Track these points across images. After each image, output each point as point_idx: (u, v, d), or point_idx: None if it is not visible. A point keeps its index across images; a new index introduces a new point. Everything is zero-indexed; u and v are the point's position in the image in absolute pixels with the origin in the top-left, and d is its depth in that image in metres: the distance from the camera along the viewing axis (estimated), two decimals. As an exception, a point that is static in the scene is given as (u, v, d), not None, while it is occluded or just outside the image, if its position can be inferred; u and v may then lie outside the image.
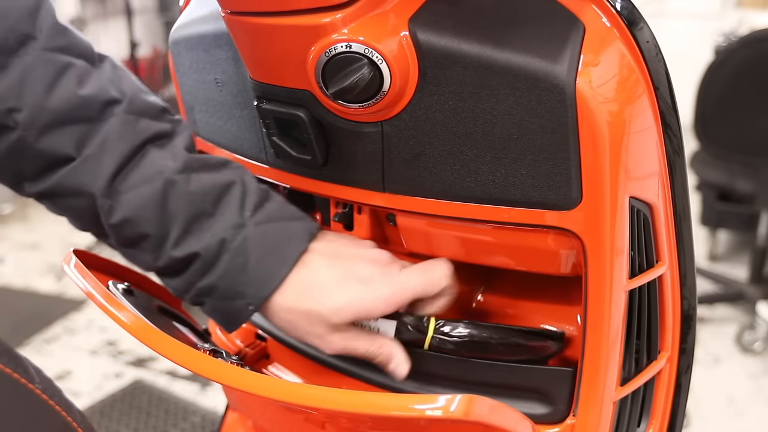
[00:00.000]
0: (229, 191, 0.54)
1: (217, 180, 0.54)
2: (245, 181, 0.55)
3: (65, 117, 0.51)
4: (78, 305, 2.55)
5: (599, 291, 0.51)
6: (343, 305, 0.53)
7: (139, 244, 0.53)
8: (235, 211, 0.53)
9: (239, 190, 0.54)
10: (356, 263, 0.55)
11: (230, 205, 0.53)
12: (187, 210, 0.52)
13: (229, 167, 0.56)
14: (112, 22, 4.10)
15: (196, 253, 0.52)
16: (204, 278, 0.53)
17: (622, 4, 0.47)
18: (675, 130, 0.52)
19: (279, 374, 0.69)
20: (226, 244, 0.52)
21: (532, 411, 0.56)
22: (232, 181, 0.54)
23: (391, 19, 0.47)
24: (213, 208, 0.53)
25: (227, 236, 0.52)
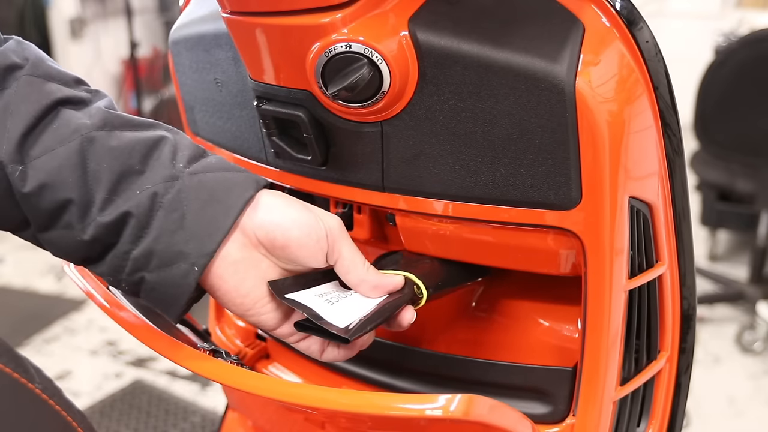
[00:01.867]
0: (158, 146, 0.49)
1: (144, 136, 0.49)
2: (177, 138, 0.50)
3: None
4: (78, 305, 2.55)
5: (599, 291, 0.51)
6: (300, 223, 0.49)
7: (60, 217, 0.47)
8: (165, 164, 0.48)
9: (170, 145, 0.49)
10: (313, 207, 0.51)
11: (161, 160, 0.48)
12: (111, 168, 0.47)
13: (157, 126, 0.51)
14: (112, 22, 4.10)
15: (126, 213, 0.47)
16: (139, 243, 0.47)
17: (622, 4, 0.47)
18: (675, 129, 0.52)
19: (279, 374, 0.69)
20: (158, 199, 0.47)
21: (532, 411, 0.56)
22: (161, 137, 0.49)
23: (390, 19, 0.47)
24: (141, 164, 0.47)
25: (159, 190, 0.47)
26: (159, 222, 0.47)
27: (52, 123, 0.48)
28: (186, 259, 0.47)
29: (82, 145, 0.47)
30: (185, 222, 0.47)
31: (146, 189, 0.47)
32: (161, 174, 0.47)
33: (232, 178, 0.49)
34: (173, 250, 0.47)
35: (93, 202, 0.47)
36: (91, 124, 0.48)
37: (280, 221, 0.49)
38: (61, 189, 0.46)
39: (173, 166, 0.48)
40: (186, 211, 0.47)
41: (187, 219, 0.47)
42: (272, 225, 0.49)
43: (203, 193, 0.47)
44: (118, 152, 0.47)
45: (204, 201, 0.47)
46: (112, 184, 0.47)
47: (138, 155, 0.48)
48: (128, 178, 0.47)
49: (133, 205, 0.47)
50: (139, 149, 0.48)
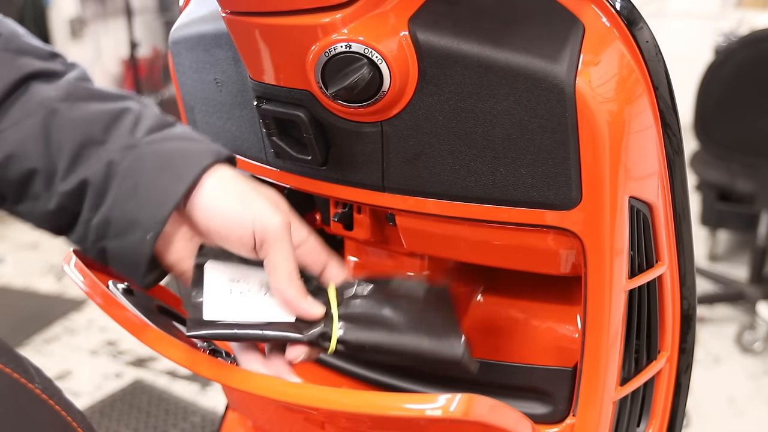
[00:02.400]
0: (121, 117, 0.49)
1: (108, 107, 0.49)
2: (143, 110, 0.50)
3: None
4: (78, 305, 2.55)
5: (599, 291, 0.51)
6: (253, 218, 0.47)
7: (28, 188, 0.49)
8: (125, 134, 0.48)
9: (133, 115, 0.49)
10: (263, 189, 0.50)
11: (121, 130, 0.48)
12: (73, 138, 0.48)
13: (126, 98, 0.51)
14: (112, 22, 4.10)
15: (84, 181, 0.47)
16: (97, 211, 0.48)
17: (622, 4, 0.47)
18: (675, 129, 0.52)
19: (279, 374, 0.68)
20: (113, 166, 0.47)
21: (532, 411, 0.56)
22: (126, 108, 0.50)
23: (390, 19, 0.47)
24: (103, 135, 0.48)
25: (115, 158, 0.47)
26: (114, 190, 0.47)
27: (21, 97, 0.49)
28: (139, 226, 0.47)
29: (45, 117, 0.48)
30: (139, 190, 0.47)
31: (104, 157, 0.47)
32: (119, 143, 0.48)
33: (191, 147, 0.49)
34: (127, 218, 0.47)
35: (56, 171, 0.48)
36: (55, 95, 0.49)
37: (206, 207, 0.48)
38: (26, 159, 0.48)
39: (132, 135, 0.48)
40: (140, 179, 0.47)
41: (140, 187, 0.47)
42: (199, 209, 0.48)
43: (158, 161, 0.47)
44: (80, 123, 0.48)
45: (158, 168, 0.47)
46: (73, 153, 0.48)
47: (99, 126, 0.48)
48: (89, 147, 0.48)
49: (90, 173, 0.47)
50: (100, 120, 0.48)
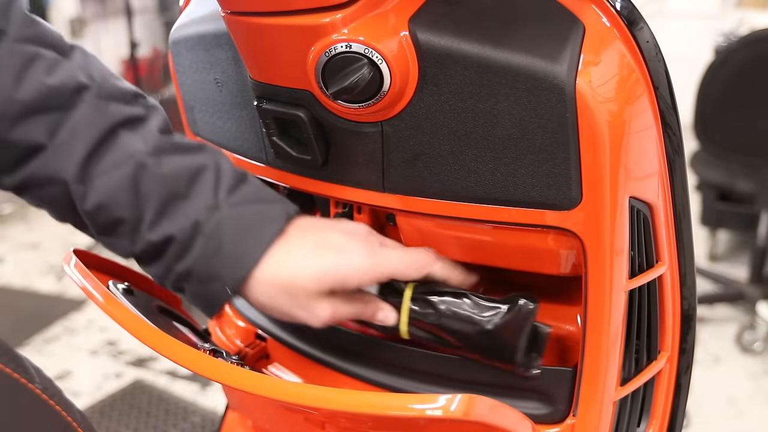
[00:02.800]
0: (203, 173, 0.53)
1: (190, 162, 0.53)
2: (220, 164, 0.54)
3: (35, 107, 0.51)
4: (78, 305, 2.55)
5: (599, 291, 0.51)
6: (320, 273, 0.52)
7: (115, 230, 0.53)
8: (209, 193, 0.53)
9: (213, 172, 0.53)
10: (329, 233, 0.54)
11: (204, 187, 0.53)
12: (160, 192, 0.52)
13: (203, 150, 0.55)
14: (112, 22, 4.10)
15: (171, 236, 0.52)
16: (180, 262, 0.53)
17: (622, 4, 0.47)
18: (675, 129, 0.52)
19: (279, 374, 0.69)
20: (200, 227, 0.52)
21: (532, 411, 0.56)
22: (205, 164, 0.54)
23: (391, 19, 0.47)
24: (186, 190, 0.52)
25: (201, 218, 0.52)
26: (199, 247, 0.52)
27: (110, 147, 0.52)
28: (220, 280, 0.53)
29: (135, 170, 0.52)
30: (222, 250, 0.52)
31: (190, 216, 0.52)
32: (204, 202, 0.52)
33: (266, 212, 0.54)
34: (210, 272, 0.53)
35: (142, 221, 0.52)
36: (144, 150, 0.53)
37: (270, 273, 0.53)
38: (116, 209, 0.52)
39: (215, 195, 0.53)
40: (223, 240, 0.52)
41: (224, 247, 0.52)
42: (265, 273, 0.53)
43: (240, 224, 0.53)
44: (167, 179, 0.52)
45: (240, 231, 0.52)
46: (159, 206, 0.52)
47: (183, 181, 0.53)
48: (174, 201, 0.52)
49: (177, 229, 0.52)
50: (185, 175, 0.53)
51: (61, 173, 0.52)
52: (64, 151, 0.52)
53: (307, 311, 0.53)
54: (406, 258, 0.55)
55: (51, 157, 0.52)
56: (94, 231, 0.54)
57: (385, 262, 0.54)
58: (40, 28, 0.54)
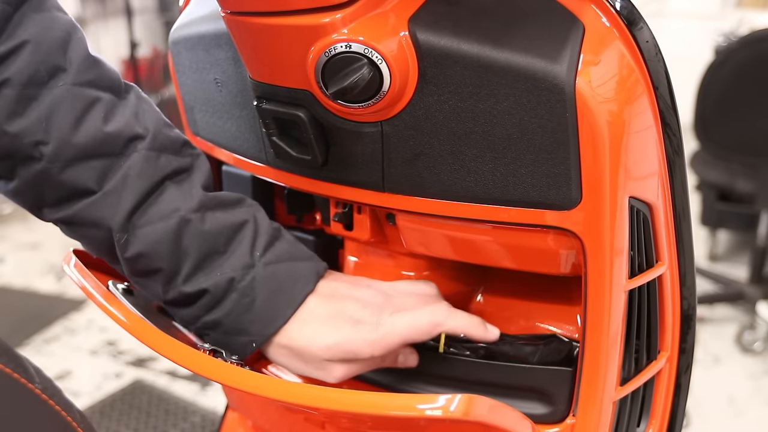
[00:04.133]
0: (242, 230, 0.55)
1: (231, 219, 0.55)
2: (257, 220, 0.56)
3: (90, 152, 0.52)
4: (78, 305, 2.55)
5: (599, 291, 0.51)
6: (332, 345, 0.54)
7: (151, 277, 0.54)
8: (245, 251, 0.54)
9: (251, 230, 0.55)
10: (347, 303, 0.55)
11: (241, 245, 0.54)
12: (200, 248, 0.53)
13: (242, 205, 0.56)
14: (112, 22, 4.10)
15: (205, 290, 0.53)
16: (210, 314, 0.54)
17: (622, 4, 0.47)
18: (675, 129, 0.52)
19: (279, 374, 0.69)
20: (234, 284, 0.53)
21: (532, 411, 0.56)
22: (245, 221, 0.55)
23: (390, 19, 0.47)
24: (225, 246, 0.54)
25: (236, 276, 0.53)
26: (231, 302, 0.54)
27: (157, 199, 0.54)
28: (248, 335, 0.54)
29: (179, 224, 0.53)
30: (254, 307, 0.54)
31: (226, 272, 0.53)
32: (240, 261, 0.54)
33: (298, 270, 0.55)
34: (239, 326, 0.54)
35: (179, 273, 0.53)
36: (189, 206, 0.54)
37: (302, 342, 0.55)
38: (155, 259, 0.53)
39: (251, 254, 0.54)
40: (256, 298, 0.54)
41: (255, 304, 0.54)
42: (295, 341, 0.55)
43: (273, 284, 0.54)
44: (208, 235, 0.54)
45: (272, 291, 0.54)
46: (198, 261, 0.53)
47: (224, 239, 0.54)
48: (212, 257, 0.54)
49: (212, 284, 0.53)
50: (225, 233, 0.54)
51: (107, 220, 0.53)
52: (112, 199, 0.52)
53: (322, 372, 0.55)
54: (415, 322, 0.55)
55: (98, 204, 0.53)
56: (129, 273, 0.55)
57: (392, 332, 0.54)
58: (100, 69, 0.54)
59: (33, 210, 0.56)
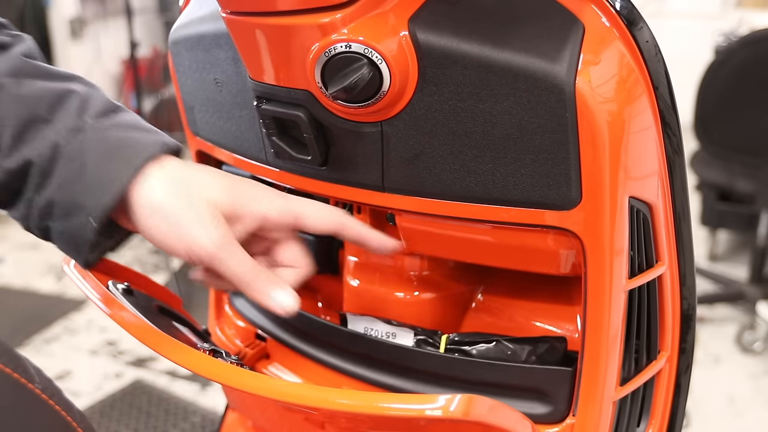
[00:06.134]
0: (69, 97, 0.49)
1: (55, 86, 0.49)
2: (91, 92, 0.50)
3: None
4: (78, 305, 2.55)
5: (599, 291, 0.51)
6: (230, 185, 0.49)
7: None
8: (72, 115, 0.48)
9: (80, 97, 0.49)
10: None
11: (68, 111, 0.48)
12: (18, 115, 0.47)
13: (74, 79, 0.51)
14: (112, 22, 4.10)
15: (28, 161, 0.47)
16: (41, 192, 0.48)
17: (622, 4, 0.47)
18: (674, 129, 0.52)
19: (279, 374, 0.69)
20: (59, 149, 0.47)
21: (532, 411, 0.56)
22: (73, 89, 0.49)
23: (390, 19, 0.47)
24: (48, 113, 0.48)
25: (61, 140, 0.47)
26: (59, 172, 0.47)
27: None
28: (82, 210, 0.47)
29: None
30: (84, 174, 0.47)
31: (50, 138, 0.47)
32: (66, 125, 0.47)
33: (139, 138, 0.48)
34: (71, 201, 0.47)
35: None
36: (1, 70, 0.48)
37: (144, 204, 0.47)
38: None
39: (80, 117, 0.48)
40: (86, 162, 0.47)
41: (87, 170, 0.47)
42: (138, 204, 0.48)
43: (106, 146, 0.47)
44: (26, 100, 0.48)
45: (105, 154, 0.47)
46: (17, 130, 0.47)
47: (45, 104, 0.48)
48: (34, 125, 0.47)
49: (35, 153, 0.47)
50: (47, 98, 0.48)
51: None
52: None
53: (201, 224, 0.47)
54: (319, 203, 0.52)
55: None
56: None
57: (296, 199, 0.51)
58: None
59: None
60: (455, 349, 0.59)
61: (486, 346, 0.58)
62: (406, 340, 0.60)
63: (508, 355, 0.57)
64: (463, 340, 0.59)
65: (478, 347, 0.58)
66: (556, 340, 0.58)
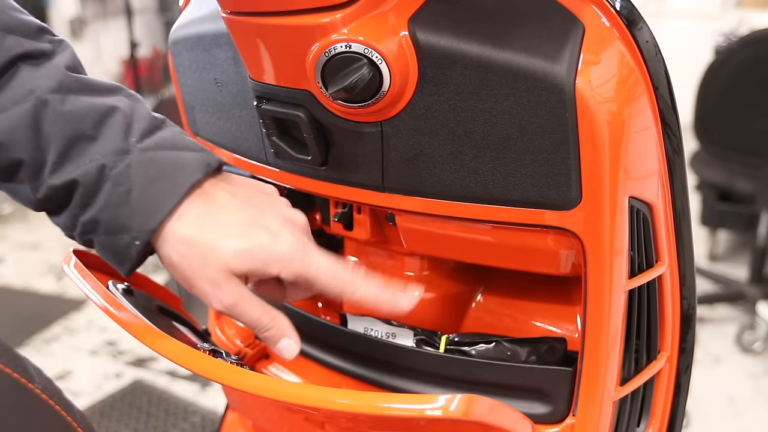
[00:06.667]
0: (113, 114, 0.49)
1: (100, 102, 0.49)
2: (134, 107, 0.50)
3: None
4: (78, 305, 2.55)
5: (599, 291, 0.51)
6: (246, 249, 0.48)
7: (16, 175, 0.49)
8: (118, 135, 0.48)
9: (124, 115, 0.49)
10: (270, 214, 0.50)
11: (113, 129, 0.48)
12: (63, 133, 0.47)
13: (118, 93, 0.51)
14: (112, 22, 4.10)
15: (74, 181, 0.48)
16: (86, 210, 0.48)
17: (622, 4, 0.47)
18: (674, 129, 0.52)
19: (279, 374, 0.69)
20: (106, 171, 0.47)
21: (532, 411, 0.56)
22: (117, 106, 0.49)
23: (390, 19, 0.47)
24: (93, 131, 0.48)
25: (107, 162, 0.47)
26: (105, 194, 0.48)
27: (9, 81, 0.48)
28: (129, 232, 0.48)
29: (35, 107, 0.47)
30: (131, 197, 0.48)
31: (96, 159, 0.47)
32: (112, 146, 0.48)
33: (183, 159, 0.49)
34: (118, 222, 0.48)
35: (44, 164, 0.48)
36: (46, 86, 0.48)
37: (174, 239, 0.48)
38: (14, 149, 0.47)
39: (126, 138, 0.48)
40: (132, 187, 0.47)
41: (132, 195, 0.47)
42: (171, 236, 0.49)
43: (152, 171, 0.48)
44: (71, 117, 0.48)
45: (152, 178, 0.48)
46: (63, 148, 0.48)
47: (91, 121, 0.48)
48: (79, 143, 0.48)
49: (81, 173, 0.47)
50: (92, 115, 0.48)
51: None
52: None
53: (213, 287, 0.48)
54: (334, 268, 0.51)
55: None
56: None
57: (314, 262, 0.50)
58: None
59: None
60: (455, 350, 0.59)
61: (486, 346, 0.58)
62: (406, 340, 0.60)
63: (507, 355, 0.57)
64: (462, 341, 0.59)
65: (477, 348, 0.58)
66: (556, 340, 0.58)
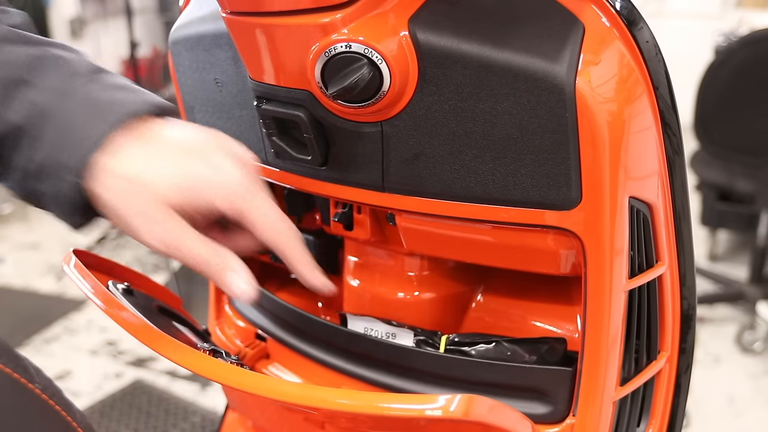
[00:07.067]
0: (54, 62, 0.48)
1: (38, 51, 0.48)
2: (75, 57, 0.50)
3: None
4: (78, 305, 2.55)
5: (599, 291, 0.51)
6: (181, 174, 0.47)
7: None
8: (58, 77, 0.48)
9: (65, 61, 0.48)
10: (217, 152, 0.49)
11: (52, 73, 0.48)
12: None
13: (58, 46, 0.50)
14: (112, 22, 4.10)
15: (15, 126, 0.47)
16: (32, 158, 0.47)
17: (622, 4, 0.47)
18: (674, 129, 0.52)
19: (279, 374, 0.69)
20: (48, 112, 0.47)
21: (532, 411, 0.56)
22: (55, 54, 0.49)
23: (390, 19, 0.47)
24: (30, 76, 0.47)
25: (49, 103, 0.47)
26: (49, 135, 0.47)
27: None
28: (67, 168, 0.47)
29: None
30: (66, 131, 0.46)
31: (37, 101, 0.47)
32: (51, 86, 0.47)
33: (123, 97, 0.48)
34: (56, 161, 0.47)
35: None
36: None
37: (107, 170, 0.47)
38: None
39: (65, 80, 0.48)
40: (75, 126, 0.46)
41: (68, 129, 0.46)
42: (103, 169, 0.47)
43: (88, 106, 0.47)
44: (7, 64, 0.47)
45: (89, 113, 0.47)
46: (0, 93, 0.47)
47: (27, 68, 0.47)
48: (16, 88, 0.47)
49: (22, 117, 0.47)
50: (29, 62, 0.48)
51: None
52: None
53: (149, 223, 0.46)
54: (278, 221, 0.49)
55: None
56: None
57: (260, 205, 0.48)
58: None
59: None
60: (455, 350, 0.59)
61: (486, 346, 0.58)
62: (406, 340, 0.60)
63: (507, 356, 0.57)
64: (462, 341, 0.59)
65: (477, 348, 0.58)
66: (556, 340, 0.58)
